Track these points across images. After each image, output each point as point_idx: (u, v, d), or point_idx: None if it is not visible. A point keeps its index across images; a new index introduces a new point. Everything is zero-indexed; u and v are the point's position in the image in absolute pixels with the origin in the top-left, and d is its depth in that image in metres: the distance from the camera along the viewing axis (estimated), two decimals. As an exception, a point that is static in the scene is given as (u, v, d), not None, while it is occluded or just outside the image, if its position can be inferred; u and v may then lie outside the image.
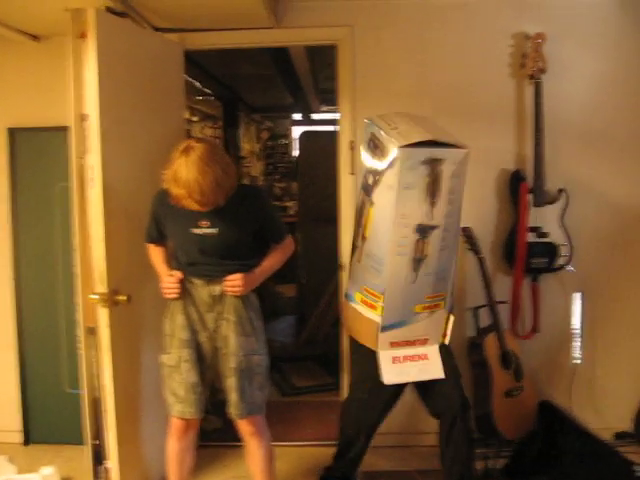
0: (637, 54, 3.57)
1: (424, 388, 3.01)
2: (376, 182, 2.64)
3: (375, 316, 2.73)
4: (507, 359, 3.39)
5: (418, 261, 2.67)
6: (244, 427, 2.80)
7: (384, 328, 2.75)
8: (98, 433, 3.13)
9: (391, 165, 2.53)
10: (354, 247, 2.87)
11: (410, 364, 2.84)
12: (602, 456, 3.33)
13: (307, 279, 6.02)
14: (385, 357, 2.81)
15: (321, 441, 3.20)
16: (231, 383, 2.70)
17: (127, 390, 3.04)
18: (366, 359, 2.88)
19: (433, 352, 2.87)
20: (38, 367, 3.77)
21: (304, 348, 5.73)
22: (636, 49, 3.57)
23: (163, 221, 2.75)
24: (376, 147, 2.67)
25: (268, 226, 2.78)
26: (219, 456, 3.65)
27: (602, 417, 3.70)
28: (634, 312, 3.70)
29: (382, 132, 2.63)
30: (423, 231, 2.62)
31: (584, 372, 3.68)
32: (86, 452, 3.18)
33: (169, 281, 2.72)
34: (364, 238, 2.76)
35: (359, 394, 3.08)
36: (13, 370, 3.77)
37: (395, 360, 2.82)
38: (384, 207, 2.61)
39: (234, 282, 2.66)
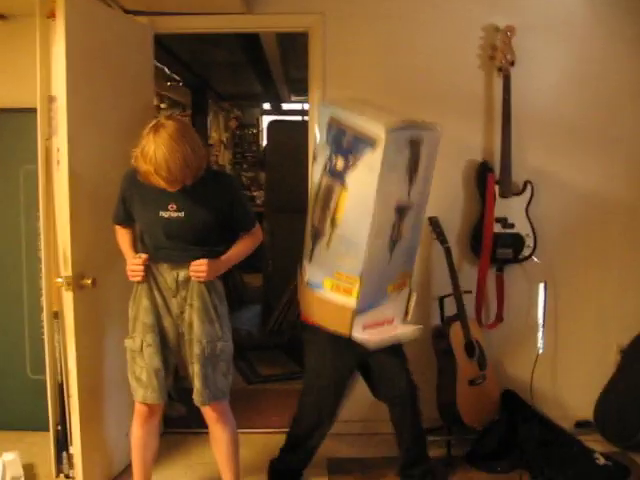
0: (604, 47, 3.61)
1: (370, 374, 3.05)
2: (349, 166, 2.65)
3: (350, 300, 2.73)
4: (471, 348, 3.43)
5: (394, 242, 2.71)
6: (208, 413, 2.79)
7: (359, 312, 2.75)
8: (62, 419, 3.11)
9: (373, 148, 2.54)
10: (318, 234, 2.84)
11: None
12: (563, 444, 3.40)
13: (273, 269, 6.02)
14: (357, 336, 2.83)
15: (286, 429, 3.19)
16: (195, 369, 2.69)
17: (92, 375, 3.01)
18: (325, 345, 2.92)
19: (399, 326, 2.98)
20: (0, 352, 3.71)
21: (270, 337, 5.74)
22: (603, 42, 3.61)
23: (131, 202, 2.71)
24: (342, 132, 2.68)
25: (237, 214, 2.76)
26: (184, 442, 3.63)
27: (563, 406, 3.76)
28: (596, 303, 3.76)
29: (355, 116, 2.65)
30: (401, 211, 2.66)
31: (546, 362, 3.73)
32: (49, 438, 3.16)
33: (134, 264, 2.69)
34: (334, 223, 2.74)
35: (321, 381, 3.04)
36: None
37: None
38: (362, 190, 2.62)
39: (199, 267, 2.64)
